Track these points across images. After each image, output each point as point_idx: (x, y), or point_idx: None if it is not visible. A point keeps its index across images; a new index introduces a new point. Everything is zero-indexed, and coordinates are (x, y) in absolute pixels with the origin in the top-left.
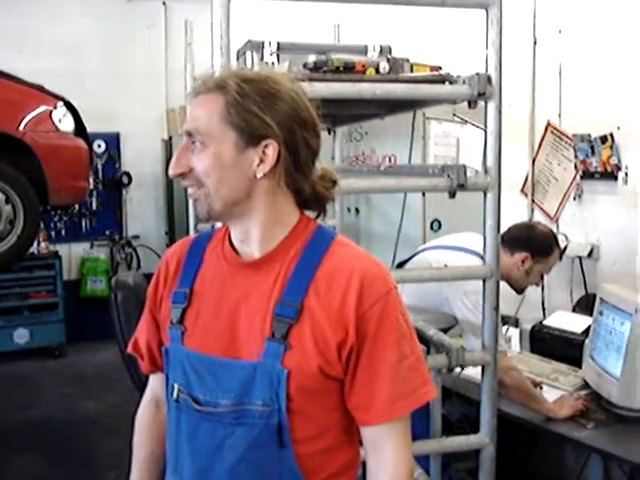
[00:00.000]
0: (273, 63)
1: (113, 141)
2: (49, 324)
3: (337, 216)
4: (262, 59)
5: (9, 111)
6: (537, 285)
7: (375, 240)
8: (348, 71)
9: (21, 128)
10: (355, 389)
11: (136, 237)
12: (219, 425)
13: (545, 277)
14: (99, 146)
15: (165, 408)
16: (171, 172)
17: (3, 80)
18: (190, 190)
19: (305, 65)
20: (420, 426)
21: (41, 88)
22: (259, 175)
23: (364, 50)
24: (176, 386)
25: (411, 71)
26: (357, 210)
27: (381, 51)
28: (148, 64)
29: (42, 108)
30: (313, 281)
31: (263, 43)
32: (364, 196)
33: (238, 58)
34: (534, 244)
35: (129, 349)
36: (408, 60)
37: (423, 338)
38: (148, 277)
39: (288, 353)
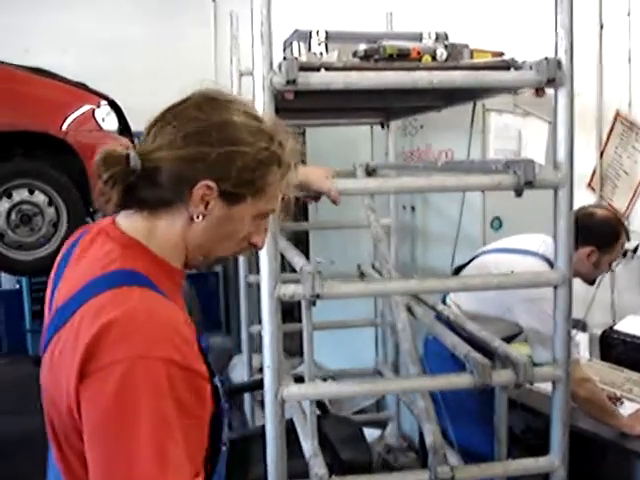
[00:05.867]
0: (321, 53)
1: None
2: None
3: (392, 214)
4: (309, 49)
5: (51, 110)
6: (607, 272)
7: (432, 240)
8: (402, 59)
9: (64, 128)
10: None
11: None
12: None
13: (615, 278)
14: None
15: None
16: None
17: (45, 79)
18: None
19: (355, 54)
20: (483, 443)
21: (84, 86)
22: None
23: (418, 37)
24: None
25: (471, 58)
26: (412, 208)
27: (437, 38)
28: (196, 60)
29: (85, 107)
30: None
31: (311, 33)
32: (420, 193)
33: (285, 49)
34: (597, 236)
35: None
36: (467, 46)
37: (487, 350)
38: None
39: None
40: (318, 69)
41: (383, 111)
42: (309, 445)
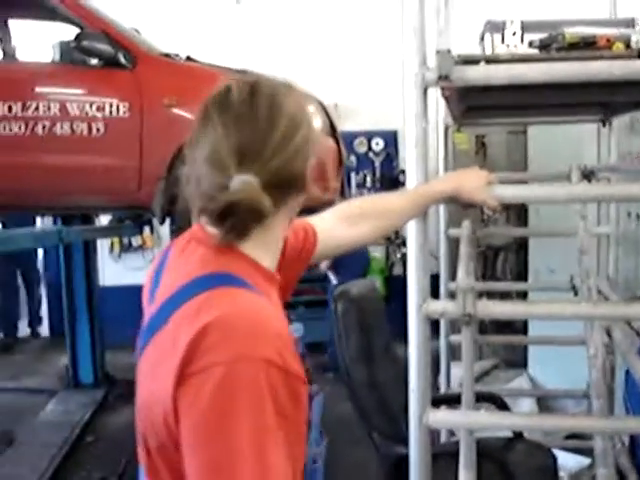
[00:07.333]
0: (515, 45)
1: (391, 139)
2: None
3: (612, 222)
4: (503, 41)
5: None
6: None
7: None
8: (587, 47)
9: None
10: None
11: None
12: None
13: None
14: (377, 144)
15: None
16: None
17: None
18: None
19: (531, 43)
20: None
21: None
22: None
23: (631, 24)
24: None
25: None
26: (638, 216)
27: None
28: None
29: None
30: None
31: (505, 23)
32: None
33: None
34: None
35: None
36: None
37: None
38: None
39: None
40: (478, 62)
41: (602, 107)
42: (462, 477)
